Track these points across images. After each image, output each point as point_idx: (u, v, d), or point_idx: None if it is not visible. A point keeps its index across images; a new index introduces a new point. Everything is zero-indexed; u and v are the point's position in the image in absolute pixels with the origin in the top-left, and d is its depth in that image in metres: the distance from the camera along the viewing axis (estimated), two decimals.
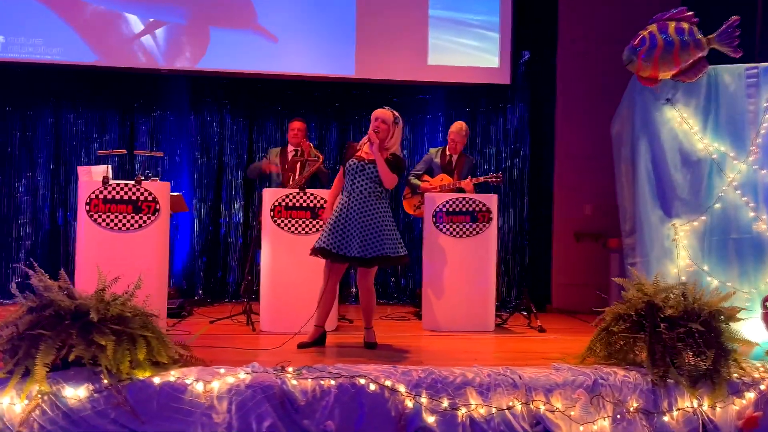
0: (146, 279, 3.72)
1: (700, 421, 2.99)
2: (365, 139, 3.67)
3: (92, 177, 3.76)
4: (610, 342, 3.27)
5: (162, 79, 5.56)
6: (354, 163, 3.66)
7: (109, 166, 3.77)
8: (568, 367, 3.15)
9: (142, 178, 3.75)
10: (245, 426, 2.74)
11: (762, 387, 3.09)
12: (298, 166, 4.78)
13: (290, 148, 5.00)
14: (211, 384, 2.78)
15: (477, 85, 5.57)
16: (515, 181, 5.74)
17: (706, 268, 4.11)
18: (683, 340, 3.07)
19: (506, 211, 5.73)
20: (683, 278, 4.11)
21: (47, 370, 2.66)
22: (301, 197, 4.16)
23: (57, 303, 2.79)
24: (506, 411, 2.88)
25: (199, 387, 2.77)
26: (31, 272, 2.89)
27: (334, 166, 5.80)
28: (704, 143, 4.40)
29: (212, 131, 5.73)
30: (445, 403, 2.87)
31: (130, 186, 3.73)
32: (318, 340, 3.69)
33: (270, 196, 4.17)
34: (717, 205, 4.15)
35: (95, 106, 5.61)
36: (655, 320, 3.15)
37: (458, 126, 4.85)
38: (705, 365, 3.02)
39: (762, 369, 3.18)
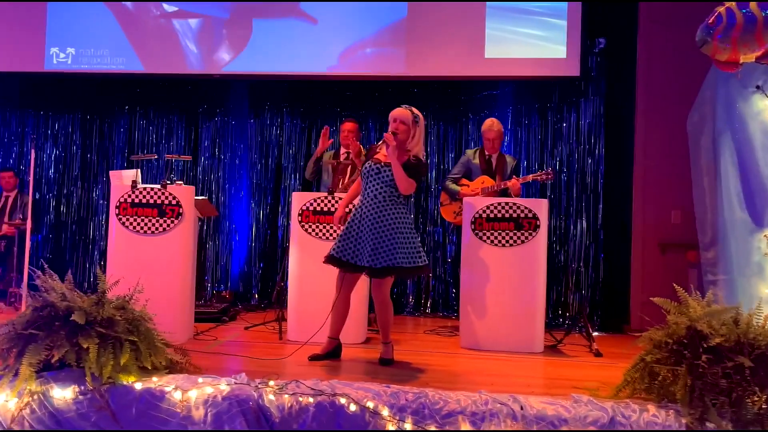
0: (170, 282, 3.94)
1: None
2: (383, 141, 3.55)
3: (123, 181, 3.99)
4: (647, 374, 2.87)
5: (224, 84, 5.83)
6: (370, 166, 3.54)
7: (138, 171, 3.97)
8: (589, 399, 2.80)
9: (168, 182, 3.92)
10: None
11: None
12: (349, 169, 4.74)
13: (342, 150, 4.98)
14: (189, 393, 2.81)
15: (547, 78, 5.20)
16: (588, 184, 5.29)
17: None
18: (729, 377, 2.62)
19: (578, 217, 5.30)
20: None
21: (35, 369, 2.83)
22: (330, 202, 4.12)
23: (53, 304, 2.98)
24: None
25: (177, 395, 2.81)
26: (38, 273, 3.12)
27: None
28: None
29: (271, 135, 5.90)
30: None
31: (156, 190, 3.91)
32: (332, 353, 3.62)
33: (298, 200, 4.18)
34: None
35: (164, 112, 6.00)
36: (697, 351, 2.72)
37: (489, 123, 4.61)
38: (754, 410, 2.55)
39: None
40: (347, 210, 3.72)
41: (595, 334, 4.84)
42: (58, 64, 5.65)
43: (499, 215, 4.09)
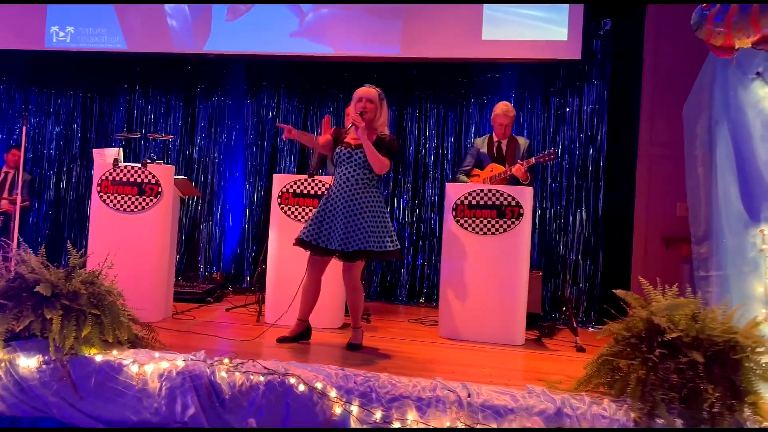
0: (148, 260, 4.14)
1: None
2: (349, 122, 3.65)
3: (105, 159, 4.20)
4: (604, 368, 2.94)
5: (222, 64, 6.01)
6: (341, 150, 3.65)
7: (120, 149, 4.18)
8: (542, 390, 2.89)
9: (148, 161, 4.11)
10: (170, 412, 2.91)
11: None
12: None
13: None
14: (145, 367, 3.00)
15: (547, 61, 5.22)
16: (590, 172, 5.30)
17: None
18: (682, 373, 2.68)
19: (579, 207, 5.32)
20: None
21: (3, 338, 3.06)
22: (310, 184, 4.26)
23: (23, 276, 3.20)
24: None
25: (134, 369, 3.00)
26: (14, 246, 3.35)
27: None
28: None
29: (268, 116, 6.06)
30: (378, 415, 2.80)
31: (136, 169, 4.11)
32: (301, 335, 3.77)
33: (279, 182, 4.33)
34: None
35: (162, 92, 6.22)
36: (652, 345, 2.78)
37: (504, 107, 4.59)
38: (705, 407, 2.60)
39: None
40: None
41: (592, 329, 4.90)
42: (57, 43, 5.92)
43: (481, 202, 4.16)
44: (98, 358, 3.04)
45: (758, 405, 2.65)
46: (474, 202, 4.17)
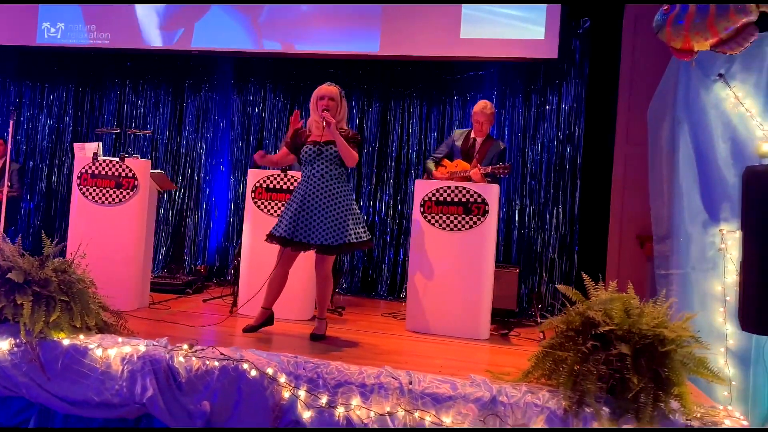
0: (125, 251, 4.41)
1: None
2: (311, 123, 3.88)
3: (85, 153, 4.47)
4: (543, 360, 3.15)
5: (209, 60, 6.27)
6: (309, 149, 3.87)
7: (100, 143, 4.44)
8: (483, 380, 3.10)
9: (126, 155, 4.37)
10: (130, 394, 3.17)
11: None
12: None
13: None
14: (108, 351, 3.26)
15: (523, 60, 5.41)
16: (567, 170, 5.49)
17: None
18: (611, 364, 2.88)
19: (555, 205, 5.51)
20: (728, 297, 3.77)
21: None
22: (282, 179, 4.50)
23: None
24: (386, 416, 2.97)
25: (98, 352, 3.26)
26: None
27: (374, 146, 6.06)
28: (764, 130, 3.91)
29: (254, 111, 6.31)
30: (324, 400, 3.03)
31: (114, 163, 4.38)
32: (265, 323, 4.00)
33: (253, 177, 4.57)
34: None
35: (152, 86, 6.50)
36: (586, 337, 2.99)
37: (482, 105, 4.77)
38: (629, 396, 2.80)
39: (712, 411, 2.85)
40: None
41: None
42: (48, 39, 6.22)
43: (449, 199, 4.37)
44: (66, 341, 3.31)
45: (684, 396, 2.84)
46: (441, 199, 4.38)
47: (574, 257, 5.48)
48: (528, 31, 5.29)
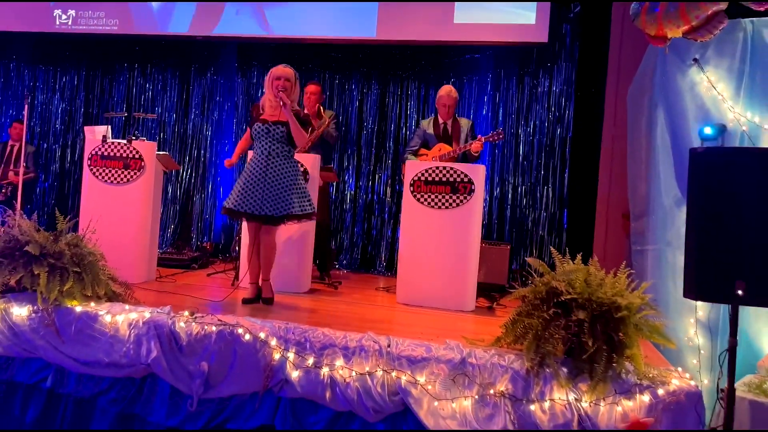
0: (132, 227, 4.81)
1: (576, 417, 3.14)
2: (265, 101, 4.26)
3: (95, 136, 4.85)
4: (511, 327, 3.48)
5: (214, 44, 6.61)
6: (259, 127, 4.23)
7: (109, 126, 4.83)
8: (457, 344, 3.45)
9: (133, 138, 4.75)
10: (136, 355, 3.56)
11: (660, 392, 3.09)
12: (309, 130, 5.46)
13: (306, 111, 5.68)
14: (117, 317, 3.66)
15: (515, 44, 5.69)
16: (557, 151, 5.78)
17: None
18: (570, 329, 3.21)
19: (545, 185, 5.81)
20: None
21: (1, 291, 3.77)
22: None
23: (16, 237, 3.88)
24: (366, 376, 3.33)
25: (107, 318, 3.66)
26: (9, 212, 4.04)
27: (372, 127, 6.39)
28: (735, 113, 4.18)
29: (257, 94, 6.66)
30: (310, 361, 3.40)
31: (122, 145, 4.76)
32: (258, 296, 4.38)
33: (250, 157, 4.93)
34: None
35: (159, 70, 6.87)
36: (549, 305, 3.32)
37: (447, 89, 5.15)
38: (584, 357, 3.14)
39: (664, 372, 3.18)
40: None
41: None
42: (60, 26, 6.61)
43: (437, 179, 4.70)
44: (78, 308, 3.71)
45: (635, 358, 3.17)
46: (430, 179, 4.71)
47: (563, 235, 5.79)
48: (519, 16, 5.56)
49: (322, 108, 5.49)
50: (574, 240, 5.75)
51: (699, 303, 4.21)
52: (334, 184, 6.33)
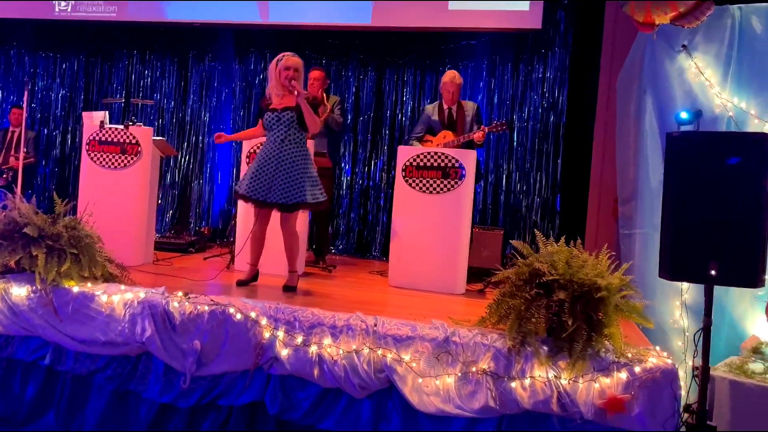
0: (129, 210, 4.94)
1: (555, 394, 3.26)
2: (271, 90, 4.37)
3: (93, 121, 4.98)
4: (496, 307, 3.60)
5: (212, 30, 6.72)
6: (269, 116, 4.34)
7: (106, 112, 4.96)
8: (442, 323, 3.57)
9: (130, 123, 4.88)
10: (131, 334, 3.70)
11: (637, 369, 3.21)
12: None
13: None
14: (112, 297, 3.80)
15: (508, 30, 5.78)
16: (551, 136, 5.88)
17: None
18: (551, 309, 3.33)
19: (539, 171, 5.92)
20: None
21: (1, 271, 3.92)
22: None
23: (15, 220, 4.02)
24: (353, 354, 3.46)
25: (104, 298, 3.80)
26: (9, 195, 4.18)
27: (369, 114, 6.49)
28: (722, 98, 4.27)
29: (255, 80, 6.77)
30: (299, 339, 3.54)
31: (119, 130, 4.88)
32: (253, 278, 4.52)
33: (247, 145, 5.06)
34: None
35: (158, 56, 6.99)
36: (532, 286, 3.43)
37: (451, 75, 5.18)
38: (563, 336, 3.26)
39: (643, 351, 3.30)
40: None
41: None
42: (59, 12, 6.75)
43: (428, 164, 4.81)
44: (75, 289, 3.84)
45: (614, 336, 3.28)
46: (422, 164, 4.82)
47: (555, 220, 5.90)
48: (513, 3, 5.65)
49: (325, 94, 5.59)
50: (567, 225, 5.85)
51: (684, 285, 4.32)
52: (338, 168, 6.43)
